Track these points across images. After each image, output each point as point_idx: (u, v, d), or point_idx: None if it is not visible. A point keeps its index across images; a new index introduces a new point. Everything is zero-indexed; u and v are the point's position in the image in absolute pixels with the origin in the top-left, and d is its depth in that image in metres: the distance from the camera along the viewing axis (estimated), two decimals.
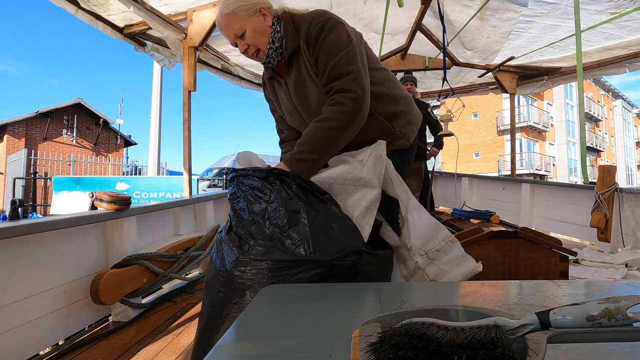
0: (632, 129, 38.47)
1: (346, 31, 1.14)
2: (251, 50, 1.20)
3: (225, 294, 0.93)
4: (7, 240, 1.27)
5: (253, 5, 1.16)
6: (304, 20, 1.16)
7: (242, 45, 1.19)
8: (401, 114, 1.27)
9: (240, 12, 1.15)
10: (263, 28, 1.17)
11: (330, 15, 1.15)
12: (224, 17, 1.17)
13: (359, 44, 1.17)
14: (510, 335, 0.37)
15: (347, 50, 1.11)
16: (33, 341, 1.37)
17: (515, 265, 1.74)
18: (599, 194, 3.09)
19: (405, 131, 1.28)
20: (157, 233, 2.30)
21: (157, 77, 9.15)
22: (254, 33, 1.16)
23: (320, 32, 1.12)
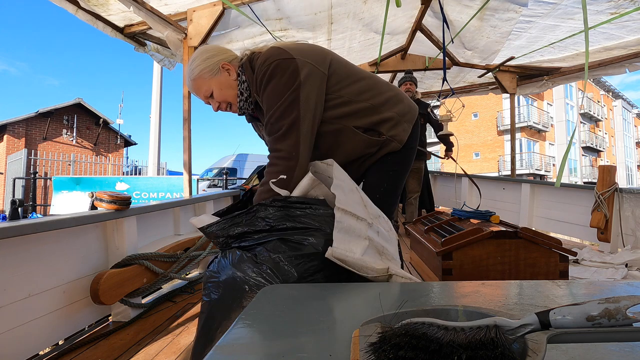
0: (632, 129, 38.47)
1: (292, 69, 1.08)
2: (223, 106, 1.23)
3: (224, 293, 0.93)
4: (7, 240, 1.27)
5: (215, 64, 1.18)
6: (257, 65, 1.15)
7: (214, 104, 1.23)
8: (386, 119, 1.23)
9: (204, 74, 1.18)
10: (229, 83, 1.20)
11: (276, 57, 1.09)
12: (191, 82, 1.21)
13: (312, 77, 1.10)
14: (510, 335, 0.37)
15: (284, 100, 1.07)
16: (33, 341, 1.37)
17: (515, 265, 1.74)
18: (599, 194, 3.09)
19: (395, 133, 1.24)
20: (157, 233, 2.30)
21: (157, 77, 9.15)
22: (221, 91, 1.20)
23: (261, 82, 1.12)
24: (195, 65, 1.19)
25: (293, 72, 1.08)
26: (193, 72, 1.19)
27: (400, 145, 1.25)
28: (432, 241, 2.06)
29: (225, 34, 3.48)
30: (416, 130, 1.32)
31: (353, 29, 3.75)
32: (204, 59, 1.19)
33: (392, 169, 1.27)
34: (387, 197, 1.28)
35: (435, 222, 2.42)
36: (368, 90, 1.23)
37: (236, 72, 1.20)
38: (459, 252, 1.76)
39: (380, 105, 1.23)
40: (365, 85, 1.23)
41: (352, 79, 1.22)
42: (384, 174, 1.27)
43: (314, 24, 3.51)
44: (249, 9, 3.05)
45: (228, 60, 1.21)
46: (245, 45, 3.77)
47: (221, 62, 1.19)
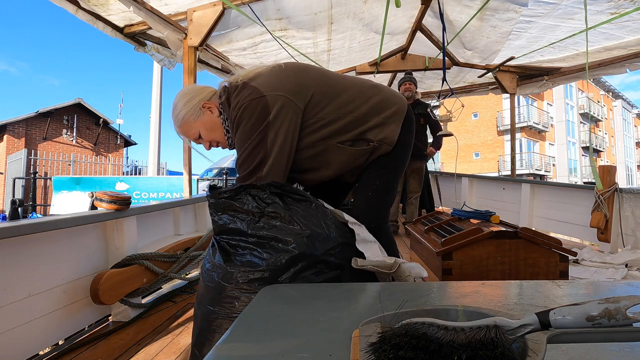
0: (632, 129, 38.47)
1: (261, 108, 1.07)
2: (214, 144, 1.26)
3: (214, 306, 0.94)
4: (7, 240, 1.27)
5: (196, 106, 1.20)
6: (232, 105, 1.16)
7: (205, 144, 1.26)
8: (372, 126, 1.21)
9: (188, 118, 1.20)
10: (213, 122, 1.21)
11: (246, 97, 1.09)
12: (178, 128, 1.24)
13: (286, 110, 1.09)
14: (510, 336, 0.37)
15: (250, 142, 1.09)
16: (33, 341, 1.37)
17: (515, 266, 1.74)
18: (599, 194, 3.09)
19: (383, 136, 1.22)
20: (157, 233, 2.30)
21: (157, 77, 9.15)
22: (207, 131, 1.22)
23: (233, 122, 1.14)
24: (177, 111, 1.21)
25: (261, 112, 1.08)
26: (177, 118, 1.21)
27: (391, 147, 1.24)
28: (432, 241, 2.06)
29: (225, 34, 3.47)
30: (407, 125, 1.28)
31: (353, 29, 3.75)
32: (185, 102, 1.20)
33: (384, 166, 1.26)
34: (381, 194, 1.27)
35: (435, 222, 2.42)
36: (351, 102, 1.20)
37: (218, 109, 1.22)
38: (459, 252, 1.76)
39: (364, 115, 1.20)
40: (347, 97, 1.20)
41: (332, 94, 1.18)
42: (375, 172, 1.26)
43: (314, 24, 3.51)
44: (249, 9, 3.05)
45: (207, 98, 1.22)
46: (245, 45, 3.77)
47: (201, 103, 1.20)
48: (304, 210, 0.97)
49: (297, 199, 0.99)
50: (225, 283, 0.91)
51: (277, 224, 0.93)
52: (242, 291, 0.89)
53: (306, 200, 0.99)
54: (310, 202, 1.00)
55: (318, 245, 0.92)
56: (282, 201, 0.97)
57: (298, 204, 0.98)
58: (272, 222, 0.94)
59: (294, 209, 0.96)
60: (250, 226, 0.94)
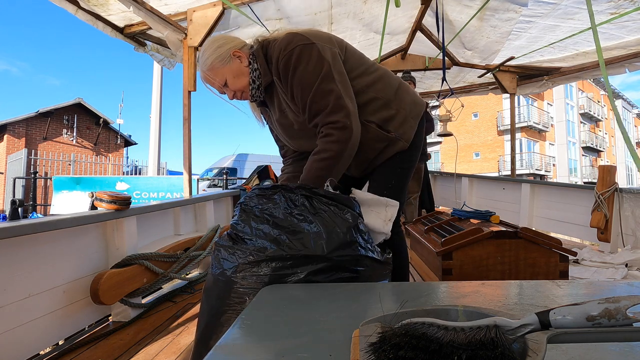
0: (632, 129, 38.46)
1: (316, 53, 1.10)
2: (238, 95, 1.23)
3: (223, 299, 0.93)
4: (7, 240, 1.27)
5: (227, 52, 1.18)
6: (275, 51, 1.16)
7: (229, 92, 1.23)
8: (394, 115, 1.23)
9: (216, 63, 1.17)
10: (241, 71, 1.20)
11: (296, 43, 1.12)
12: (204, 73, 1.20)
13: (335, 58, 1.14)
14: (510, 335, 0.37)
15: (320, 80, 1.09)
16: (33, 341, 1.37)
17: (515, 265, 1.74)
18: (599, 194, 3.09)
19: (402, 131, 1.24)
20: (157, 233, 2.30)
21: (157, 77, 9.15)
22: (234, 79, 1.19)
23: (287, 67, 1.12)
24: (207, 56, 1.18)
25: (319, 55, 1.10)
26: (205, 63, 1.18)
27: (407, 144, 1.26)
28: (432, 241, 2.06)
29: (225, 34, 3.47)
30: (422, 128, 1.31)
31: (353, 29, 3.75)
32: (215, 48, 1.18)
33: (400, 166, 1.28)
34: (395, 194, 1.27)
35: (435, 222, 2.42)
36: (379, 80, 1.24)
37: (247, 59, 1.20)
38: (459, 252, 1.76)
39: (389, 100, 1.23)
40: (376, 75, 1.24)
41: (365, 66, 1.23)
42: (392, 170, 1.27)
43: (314, 24, 3.51)
44: (249, 9, 3.05)
45: (239, 47, 1.20)
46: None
47: (232, 50, 1.18)
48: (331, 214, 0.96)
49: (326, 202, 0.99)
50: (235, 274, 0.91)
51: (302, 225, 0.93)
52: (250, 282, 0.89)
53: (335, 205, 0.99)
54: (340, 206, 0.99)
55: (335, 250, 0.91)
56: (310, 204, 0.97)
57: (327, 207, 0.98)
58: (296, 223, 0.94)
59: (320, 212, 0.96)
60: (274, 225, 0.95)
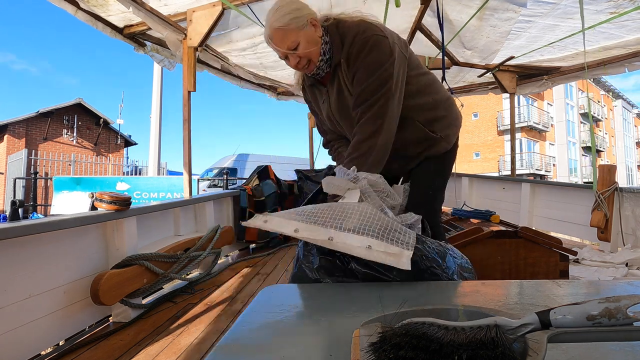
0: (632, 129, 38.47)
1: (388, 48, 1.12)
2: (302, 63, 1.17)
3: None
4: (7, 241, 1.27)
5: (304, 17, 1.14)
6: (349, 33, 1.15)
7: (294, 58, 1.17)
8: (442, 117, 1.28)
9: (292, 24, 1.11)
10: (315, 39, 1.15)
11: (374, 32, 1.13)
12: (275, 30, 1.12)
13: (400, 59, 1.16)
14: (510, 335, 0.37)
15: (381, 73, 1.11)
16: (34, 341, 1.37)
17: (515, 265, 1.74)
18: (599, 194, 3.09)
19: (447, 133, 1.29)
20: (157, 233, 2.30)
21: (157, 77, 9.16)
22: (307, 45, 1.14)
23: (360, 51, 1.12)
24: (282, 13, 1.11)
25: (389, 50, 1.12)
26: (280, 20, 1.11)
27: (449, 147, 1.31)
28: None
29: (225, 34, 3.47)
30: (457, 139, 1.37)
31: None
32: (293, 9, 1.13)
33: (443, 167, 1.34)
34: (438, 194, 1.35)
35: None
36: (433, 84, 1.28)
37: (321, 30, 1.17)
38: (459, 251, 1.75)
39: (440, 101, 1.28)
40: (431, 78, 1.28)
41: (421, 70, 1.26)
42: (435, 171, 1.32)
43: None
44: (248, 9, 3.05)
45: (315, 17, 1.17)
46: (245, 46, 3.77)
47: (310, 17, 1.15)
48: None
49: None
50: None
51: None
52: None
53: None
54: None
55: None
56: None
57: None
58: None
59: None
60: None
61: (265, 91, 5.39)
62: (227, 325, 1.66)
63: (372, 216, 0.83)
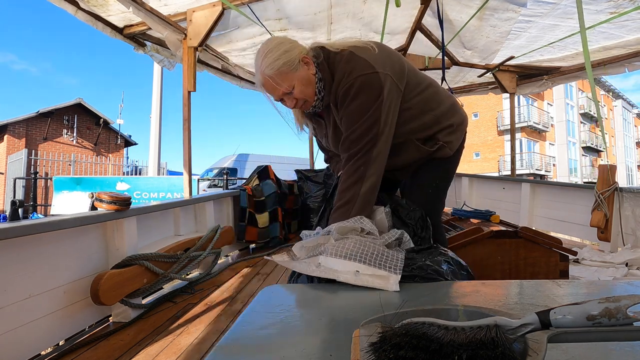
0: (632, 129, 38.47)
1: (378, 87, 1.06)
2: (299, 104, 1.14)
3: None
4: (7, 241, 1.27)
5: (296, 57, 1.08)
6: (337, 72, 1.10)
7: (291, 101, 1.12)
8: (444, 127, 1.26)
9: (285, 68, 1.06)
10: (309, 79, 1.11)
11: (361, 71, 1.06)
12: (267, 78, 1.08)
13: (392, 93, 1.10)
14: (510, 335, 0.37)
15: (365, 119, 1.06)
16: (34, 342, 1.37)
17: (515, 265, 1.74)
18: (599, 194, 3.10)
19: (450, 140, 1.27)
20: (157, 233, 2.30)
21: (157, 77, 9.16)
22: (302, 87, 1.10)
23: (345, 96, 1.08)
24: (273, 58, 1.06)
25: (377, 90, 1.06)
26: (272, 66, 1.06)
27: (451, 153, 1.29)
28: None
29: (225, 34, 3.47)
30: (464, 141, 1.35)
31: (353, 29, 3.74)
32: (284, 51, 1.07)
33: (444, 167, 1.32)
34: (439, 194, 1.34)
35: None
36: (432, 98, 1.23)
37: (314, 67, 1.12)
38: (459, 251, 1.75)
39: (442, 115, 1.24)
40: (430, 93, 1.23)
41: (421, 87, 1.21)
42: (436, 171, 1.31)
43: (314, 24, 3.51)
44: (248, 9, 3.05)
45: (305, 53, 1.11)
46: (245, 46, 3.77)
47: (301, 55, 1.09)
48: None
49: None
50: None
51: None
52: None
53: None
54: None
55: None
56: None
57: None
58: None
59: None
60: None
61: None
62: (227, 325, 1.66)
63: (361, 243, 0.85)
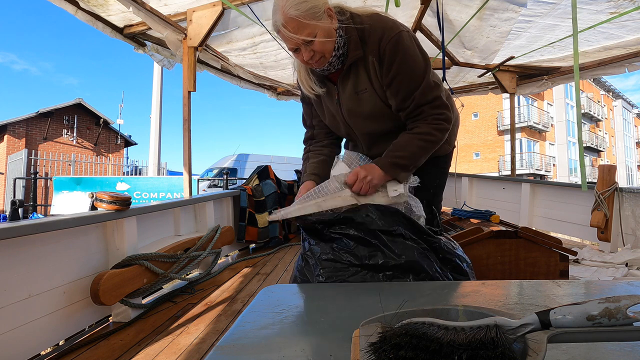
0: (632, 129, 38.48)
1: (418, 46, 1.08)
2: (316, 57, 1.06)
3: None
4: (7, 241, 1.27)
5: (322, 5, 1.02)
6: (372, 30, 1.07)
7: (308, 52, 1.05)
8: None
9: (309, 14, 0.99)
10: (330, 32, 1.04)
11: (400, 28, 1.07)
12: (290, 19, 0.99)
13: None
14: (510, 335, 0.37)
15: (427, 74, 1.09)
16: (34, 341, 1.37)
17: (515, 265, 1.74)
18: (599, 194, 3.10)
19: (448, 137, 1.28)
20: (157, 233, 2.30)
21: (157, 77, 9.16)
22: (324, 38, 1.03)
23: (395, 50, 1.05)
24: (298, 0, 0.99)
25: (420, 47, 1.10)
26: (297, 7, 0.98)
27: (450, 149, 1.34)
28: None
29: (225, 34, 3.48)
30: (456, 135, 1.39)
31: None
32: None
33: (442, 167, 1.37)
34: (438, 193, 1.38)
35: None
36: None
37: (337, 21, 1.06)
38: None
39: None
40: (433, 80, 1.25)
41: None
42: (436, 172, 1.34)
43: None
44: (248, 9, 3.05)
45: (329, 6, 1.05)
46: (245, 45, 3.77)
47: (327, 6, 1.03)
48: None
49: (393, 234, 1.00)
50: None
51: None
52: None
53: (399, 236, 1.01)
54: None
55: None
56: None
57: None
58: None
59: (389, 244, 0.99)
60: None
61: (265, 91, 5.39)
62: (227, 325, 1.66)
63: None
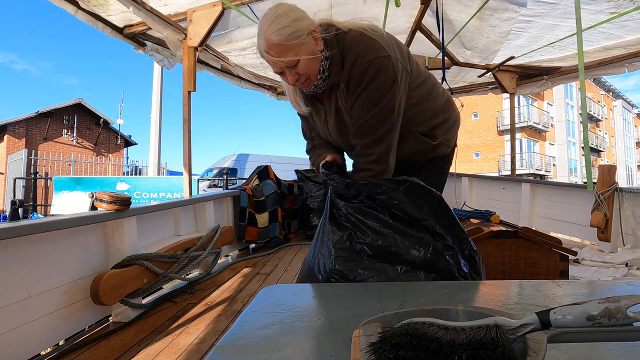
0: (632, 129, 38.49)
1: (392, 71, 1.02)
2: (301, 80, 1.06)
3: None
4: (7, 241, 1.27)
5: (305, 29, 1.00)
6: (350, 52, 1.03)
7: (292, 76, 1.04)
8: (442, 122, 1.24)
9: (292, 38, 0.98)
10: (315, 54, 1.03)
11: (376, 53, 1.01)
12: (272, 45, 0.99)
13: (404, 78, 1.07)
14: (510, 335, 0.37)
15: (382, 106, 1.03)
16: (34, 341, 1.37)
17: (515, 265, 1.74)
18: (599, 194, 3.10)
19: (447, 137, 1.27)
20: (157, 233, 2.30)
21: (157, 77, 9.16)
22: (307, 62, 1.02)
23: (361, 78, 1.02)
24: (282, 24, 0.97)
25: (392, 75, 1.02)
26: (280, 32, 0.97)
27: (449, 150, 1.30)
28: None
29: (225, 34, 3.48)
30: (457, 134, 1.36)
31: None
32: (294, 19, 0.99)
33: (441, 167, 1.33)
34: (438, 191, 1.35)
35: None
36: (431, 90, 1.21)
37: (322, 42, 1.04)
38: None
39: (440, 108, 1.23)
40: (429, 85, 1.21)
41: (421, 78, 1.18)
42: (434, 172, 1.31)
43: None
44: (248, 9, 3.05)
45: (314, 27, 1.03)
46: (245, 45, 3.77)
47: (310, 28, 1.01)
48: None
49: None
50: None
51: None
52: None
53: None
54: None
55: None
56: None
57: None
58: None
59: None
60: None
61: (265, 91, 5.39)
62: (227, 325, 1.66)
63: None
